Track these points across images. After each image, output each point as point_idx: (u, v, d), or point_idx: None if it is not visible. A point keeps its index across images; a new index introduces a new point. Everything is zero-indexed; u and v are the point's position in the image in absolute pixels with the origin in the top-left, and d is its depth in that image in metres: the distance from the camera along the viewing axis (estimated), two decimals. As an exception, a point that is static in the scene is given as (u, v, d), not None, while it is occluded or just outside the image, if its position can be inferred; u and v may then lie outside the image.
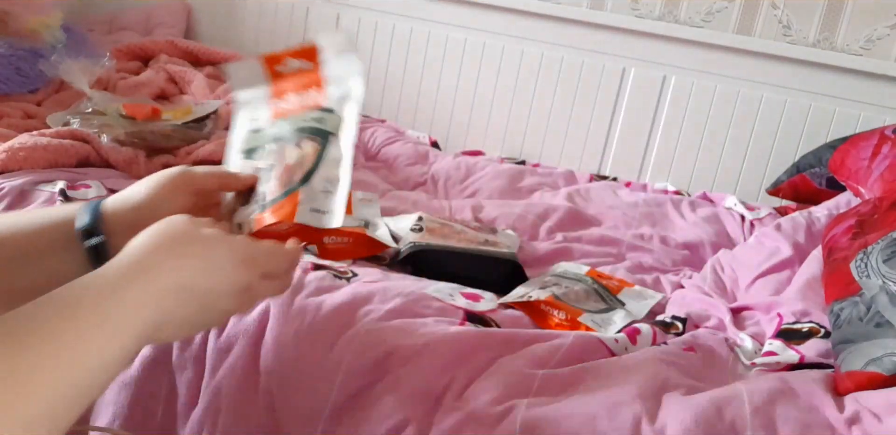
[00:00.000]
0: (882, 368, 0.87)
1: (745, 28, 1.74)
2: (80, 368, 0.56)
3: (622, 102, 1.86)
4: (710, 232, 1.49)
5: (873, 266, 1.01)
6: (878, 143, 1.45)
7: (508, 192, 1.64)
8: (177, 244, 0.65)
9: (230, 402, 0.92)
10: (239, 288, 0.67)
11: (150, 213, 0.74)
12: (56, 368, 0.55)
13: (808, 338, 1.03)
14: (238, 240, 0.69)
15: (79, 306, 0.58)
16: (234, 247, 0.68)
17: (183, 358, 0.97)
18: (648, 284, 1.23)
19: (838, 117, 1.70)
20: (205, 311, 0.65)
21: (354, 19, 2.06)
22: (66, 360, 0.55)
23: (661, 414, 0.82)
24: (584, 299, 1.09)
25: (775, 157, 1.76)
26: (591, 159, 1.91)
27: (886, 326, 0.91)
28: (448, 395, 0.86)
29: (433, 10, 1.98)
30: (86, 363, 0.57)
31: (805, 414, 0.82)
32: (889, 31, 1.65)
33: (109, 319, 0.58)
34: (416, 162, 1.79)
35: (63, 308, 0.57)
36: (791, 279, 1.22)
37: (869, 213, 1.20)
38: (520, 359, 0.90)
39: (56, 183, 1.26)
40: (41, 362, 0.54)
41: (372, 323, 0.95)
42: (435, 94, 2.02)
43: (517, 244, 1.30)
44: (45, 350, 0.55)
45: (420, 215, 1.27)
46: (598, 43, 1.85)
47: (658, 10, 1.79)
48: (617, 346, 0.98)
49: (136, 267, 0.62)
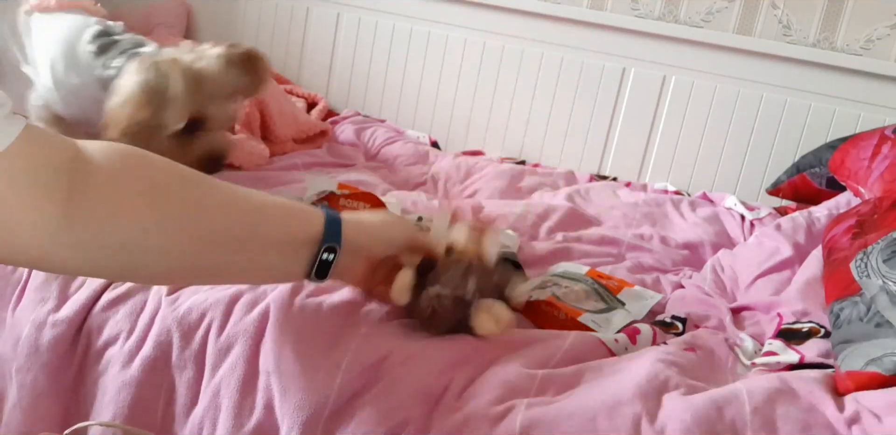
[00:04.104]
0: (882, 368, 0.87)
1: (745, 28, 1.74)
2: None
3: (622, 102, 1.86)
4: (710, 232, 1.49)
5: (873, 266, 1.01)
6: (878, 143, 1.45)
7: (508, 192, 1.64)
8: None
9: (230, 402, 0.92)
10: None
11: (372, 243, 0.89)
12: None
13: (808, 338, 1.03)
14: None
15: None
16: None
17: (183, 358, 0.97)
18: (648, 284, 1.23)
19: (838, 117, 1.70)
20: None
21: (354, 19, 2.06)
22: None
23: (661, 414, 0.81)
24: (584, 299, 1.09)
25: (775, 157, 1.76)
26: (591, 159, 1.91)
27: (886, 326, 0.91)
28: (448, 395, 0.86)
29: (433, 10, 1.97)
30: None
31: (805, 414, 0.82)
32: (889, 31, 1.65)
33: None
34: (416, 162, 1.79)
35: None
36: (791, 279, 1.22)
37: (869, 213, 1.20)
38: (519, 359, 0.90)
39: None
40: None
41: (372, 323, 0.95)
42: (435, 94, 2.02)
43: (517, 244, 1.30)
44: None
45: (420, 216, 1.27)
46: (598, 43, 1.85)
47: (658, 10, 1.79)
48: (617, 346, 0.98)
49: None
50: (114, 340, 1.00)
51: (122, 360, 0.99)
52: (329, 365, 0.90)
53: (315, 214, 0.83)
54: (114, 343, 1.00)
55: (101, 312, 1.02)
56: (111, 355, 1.00)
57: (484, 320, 0.91)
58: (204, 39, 2.23)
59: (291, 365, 0.91)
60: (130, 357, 0.98)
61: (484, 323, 0.91)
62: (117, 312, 1.02)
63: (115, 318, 1.01)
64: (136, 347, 0.99)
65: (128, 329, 1.00)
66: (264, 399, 0.91)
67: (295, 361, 0.91)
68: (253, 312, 0.97)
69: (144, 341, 0.99)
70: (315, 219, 0.82)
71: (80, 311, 1.02)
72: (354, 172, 1.60)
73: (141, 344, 0.99)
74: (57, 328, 1.02)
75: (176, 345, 0.97)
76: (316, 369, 0.90)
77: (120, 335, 1.00)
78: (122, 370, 0.98)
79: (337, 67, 2.10)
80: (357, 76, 2.08)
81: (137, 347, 0.99)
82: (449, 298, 0.90)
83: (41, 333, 1.02)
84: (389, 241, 0.91)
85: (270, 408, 0.91)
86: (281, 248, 0.80)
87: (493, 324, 0.91)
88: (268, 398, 0.91)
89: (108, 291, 1.03)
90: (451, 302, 0.90)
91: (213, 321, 0.97)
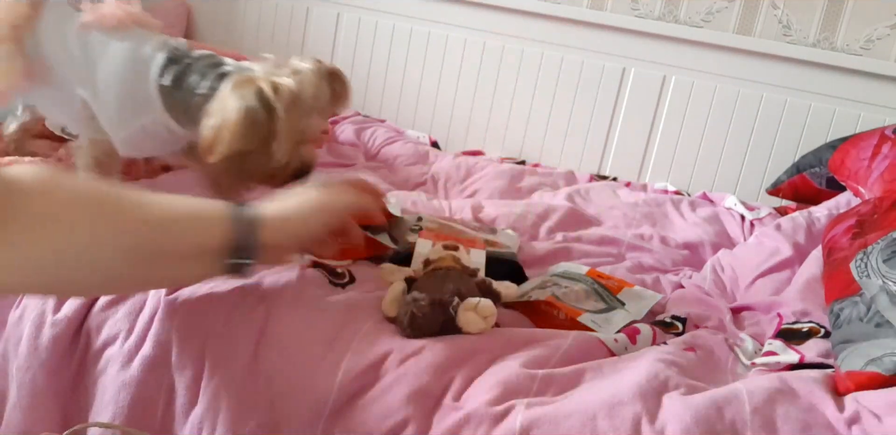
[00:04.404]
0: (882, 368, 0.87)
1: (745, 28, 1.74)
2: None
3: (622, 102, 1.86)
4: (710, 232, 1.48)
5: (873, 266, 1.01)
6: (878, 143, 1.45)
7: (508, 192, 1.64)
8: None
9: (230, 402, 0.92)
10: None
11: (301, 232, 0.90)
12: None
13: (808, 338, 1.03)
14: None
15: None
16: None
17: (183, 358, 0.96)
18: (648, 284, 1.23)
19: (838, 117, 1.70)
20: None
21: (354, 19, 2.06)
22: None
23: (661, 414, 0.81)
24: (584, 299, 1.09)
25: (775, 157, 1.76)
26: (591, 159, 1.91)
27: (886, 326, 0.91)
28: (448, 395, 0.86)
29: (433, 10, 1.97)
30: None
31: (805, 414, 0.82)
32: (889, 31, 1.65)
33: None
34: (416, 162, 1.79)
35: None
36: (791, 279, 1.22)
37: (869, 213, 1.20)
38: (519, 359, 0.90)
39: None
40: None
41: (371, 323, 0.95)
42: (435, 94, 2.02)
43: (517, 244, 1.30)
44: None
45: (420, 216, 1.27)
46: (598, 43, 1.85)
47: (658, 10, 1.79)
48: (617, 346, 0.98)
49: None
50: (113, 340, 1.00)
51: (122, 359, 0.99)
52: (329, 365, 0.90)
53: (222, 222, 0.82)
54: (113, 343, 1.00)
55: (100, 311, 1.02)
56: (110, 355, 1.00)
57: (470, 318, 0.93)
58: (204, 39, 2.23)
59: (291, 365, 0.91)
60: (130, 357, 0.98)
61: (470, 320, 0.93)
62: (117, 311, 1.01)
63: (114, 317, 1.01)
64: (135, 346, 0.99)
65: (127, 329, 1.00)
66: (264, 399, 0.91)
67: (295, 362, 0.91)
68: (253, 313, 0.97)
69: (144, 341, 0.99)
70: (221, 228, 0.81)
71: (79, 310, 1.02)
72: (354, 172, 1.60)
73: (140, 344, 0.99)
74: (56, 328, 1.01)
75: (176, 344, 0.97)
76: (316, 369, 0.90)
77: (119, 335, 1.00)
78: (121, 370, 0.98)
79: (337, 67, 2.10)
80: (357, 76, 2.08)
81: (137, 346, 0.99)
82: (426, 301, 0.92)
83: (41, 332, 1.02)
84: (323, 223, 0.92)
85: (270, 408, 0.91)
86: (195, 258, 0.81)
87: (480, 320, 0.93)
88: (268, 398, 0.91)
89: (108, 291, 1.03)
90: (429, 304, 0.92)
91: (213, 321, 0.97)
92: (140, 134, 1.09)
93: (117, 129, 1.08)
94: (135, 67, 1.06)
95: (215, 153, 0.97)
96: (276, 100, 0.96)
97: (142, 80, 1.05)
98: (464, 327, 0.94)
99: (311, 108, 1.01)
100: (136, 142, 1.10)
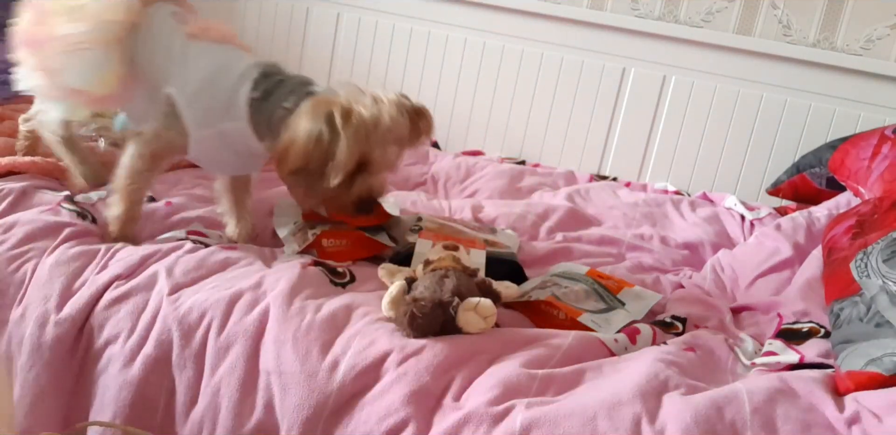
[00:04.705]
0: (882, 368, 0.87)
1: (745, 28, 1.74)
2: None
3: (622, 102, 1.86)
4: (710, 232, 1.49)
5: (873, 266, 1.01)
6: (878, 144, 1.45)
7: (508, 192, 1.64)
8: None
9: (230, 401, 0.92)
10: None
11: None
12: None
13: (808, 338, 1.03)
14: None
15: None
16: None
17: (183, 357, 0.97)
18: (648, 284, 1.23)
19: (838, 117, 1.70)
20: None
21: (354, 19, 2.06)
22: None
23: (661, 414, 0.82)
24: (584, 299, 1.09)
25: (775, 157, 1.76)
26: (591, 159, 1.91)
27: (886, 326, 0.91)
28: (448, 395, 0.86)
29: (433, 10, 1.97)
30: None
31: (805, 414, 0.82)
32: (889, 31, 1.65)
33: None
34: (416, 162, 1.79)
35: None
36: (791, 279, 1.22)
37: (869, 214, 1.20)
38: (519, 359, 0.90)
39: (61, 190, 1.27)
40: None
41: (371, 323, 0.96)
42: (435, 94, 2.01)
43: (517, 244, 1.30)
44: None
45: (419, 216, 1.27)
46: (598, 43, 1.85)
47: (658, 10, 1.79)
48: (617, 346, 0.98)
49: None
50: (115, 339, 1.00)
51: (124, 359, 0.99)
52: (329, 365, 0.90)
53: None
54: (114, 342, 1.00)
55: (103, 310, 1.02)
56: (112, 354, 1.00)
57: (470, 318, 0.93)
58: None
59: (291, 365, 0.91)
60: (132, 356, 0.98)
61: (470, 320, 0.94)
62: (119, 310, 1.02)
63: (116, 316, 1.01)
64: (137, 346, 0.99)
65: (129, 328, 1.00)
66: (264, 399, 0.91)
67: (295, 361, 0.91)
68: (253, 312, 0.97)
69: (146, 340, 0.99)
70: None
71: (82, 309, 1.02)
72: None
73: (142, 343, 0.99)
74: (60, 327, 1.02)
75: (176, 344, 0.97)
76: (316, 369, 0.90)
77: (121, 334, 1.00)
78: (122, 369, 0.98)
79: (337, 67, 2.10)
80: (357, 76, 2.08)
81: (139, 345, 0.99)
82: (426, 301, 0.93)
83: (44, 331, 1.02)
84: None
85: (270, 407, 0.91)
86: None
87: (480, 320, 0.94)
88: (268, 398, 0.91)
89: (110, 290, 1.03)
90: (429, 304, 0.92)
91: (213, 321, 0.97)
92: (217, 138, 1.12)
93: (198, 128, 1.11)
94: (228, 76, 1.11)
95: (282, 167, 1.03)
96: (344, 124, 0.99)
97: (232, 88, 1.10)
98: (464, 327, 0.94)
99: (384, 138, 1.02)
100: (211, 146, 1.13)
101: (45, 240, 1.11)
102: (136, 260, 1.07)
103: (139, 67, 1.16)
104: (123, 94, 1.17)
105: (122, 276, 1.05)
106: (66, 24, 1.12)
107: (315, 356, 0.91)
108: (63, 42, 1.12)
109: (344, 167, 1.00)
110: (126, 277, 1.05)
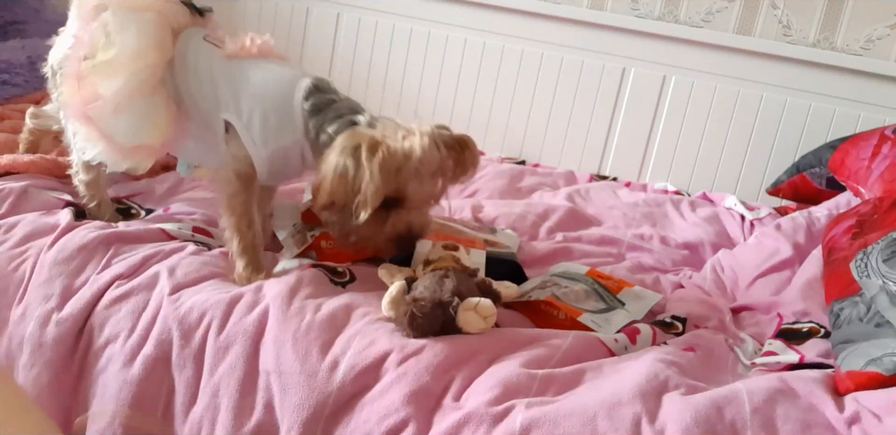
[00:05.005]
0: (882, 368, 0.87)
1: (745, 28, 1.74)
2: None
3: (622, 102, 1.86)
4: (710, 232, 1.48)
5: (873, 266, 1.01)
6: (878, 144, 1.45)
7: (508, 192, 1.64)
8: None
9: (229, 401, 0.92)
10: None
11: None
12: None
13: (808, 338, 1.03)
14: None
15: None
16: None
17: (183, 357, 0.97)
18: (648, 284, 1.23)
19: (838, 117, 1.70)
20: None
21: (354, 19, 2.06)
22: None
23: (661, 414, 0.82)
24: (584, 299, 1.09)
25: (775, 157, 1.76)
26: (591, 159, 1.91)
27: (886, 326, 0.91)
28: (448, 395, 0.86)
29: (433, 10, 1.97)
30: None
31: (805, 414, 0.82)
32: (889, 31, 1.65)
33: None
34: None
35: None
36: (791, 279, 1.22)
37: (869, 214, 1.20)
38: (519, 359, 0.90)
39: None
40: None
41: (370, 323, 0.96)
42: (435, 94, 2.01)
43: (517, 244, 1.30)
44: None
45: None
46: (598, 43, 1.85)
47: (658, 10, 1.79)
48: (617, 346, 0.98)
49: None
50: (115, 338, 1.01)
51: (124, 358, 0.99)
52: (329, 365, 0.90)
53: None
54: (115, 341, 1.00)
55: (103, 309, 1.02)
56: (112, 353, 1.00)
57: (470, 317, 0.94)
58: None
59: (291, 365, 0.91)
60: (132, 356, 0.98)
61: (470, 320, 0.94)
62: (119, 310, 1.02)
63: (117, 316, 1.01)
64: (137, 345, 0.99)
65: (129, 328, 1.00)
66: (264, 399, 0.91)
67: (295, 361, 0.91)
68: (252, 313, 0.97)
69: (146, 340, 0.99)
70: None
71: (83, 308, 1.02)
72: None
73: (143, 343, 0.99)
74: (61, 326, 1.02)
75: (176, 344, 0.97)
76: (316, 369, 0.90)
77: (121, 334, 1.00)
78: (122, 369, 0.98)
79: (337, 67, 2.10)
80: (357, 76, 2.08)
81: (139, 345, 0.99)
82: (426, 301, 0.93)
83: (45, 330, 1.02)
84: None
85: (270, 407, 0.91)
86: None
87: (480, 320, 0.94)
88: (267, 398, 0.91)
89: (111, 289, 1.03)
90: (429, 304, 0.92)
91: (213, 321, 0.97)
92: (282, 156, 1.09)
93: (261, 149, 1.08)
94: (280, 89, 1.09)
95: (315, 202, 1.02)
96: (369, 158, 0.96)
97: (287, 102, 1.08)
98: (464, 327, 0.94)
99: (417, 171, 0.99)
100: (277, 164, 1.10)
101: (45, 239, 1.11)
102: (138, 260, 1.07)
103: (186, 101, 1.14)
104: (179, 134, 1.15)
105: (123, 275, 1.05)
106: (103, 83, 1.09)
107: (315, 356, 0.91)
108: (106, 104, 1.09)
109: (371, 202, 0.96)
110: (127, 276, 1.05)
